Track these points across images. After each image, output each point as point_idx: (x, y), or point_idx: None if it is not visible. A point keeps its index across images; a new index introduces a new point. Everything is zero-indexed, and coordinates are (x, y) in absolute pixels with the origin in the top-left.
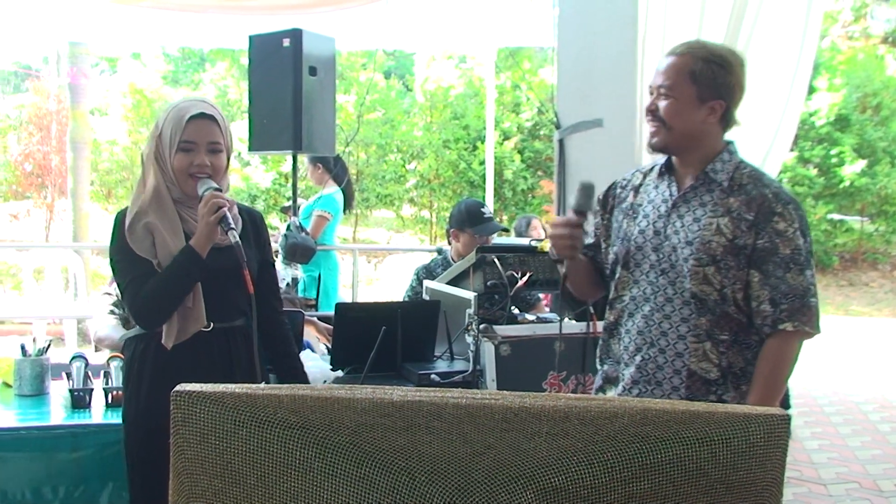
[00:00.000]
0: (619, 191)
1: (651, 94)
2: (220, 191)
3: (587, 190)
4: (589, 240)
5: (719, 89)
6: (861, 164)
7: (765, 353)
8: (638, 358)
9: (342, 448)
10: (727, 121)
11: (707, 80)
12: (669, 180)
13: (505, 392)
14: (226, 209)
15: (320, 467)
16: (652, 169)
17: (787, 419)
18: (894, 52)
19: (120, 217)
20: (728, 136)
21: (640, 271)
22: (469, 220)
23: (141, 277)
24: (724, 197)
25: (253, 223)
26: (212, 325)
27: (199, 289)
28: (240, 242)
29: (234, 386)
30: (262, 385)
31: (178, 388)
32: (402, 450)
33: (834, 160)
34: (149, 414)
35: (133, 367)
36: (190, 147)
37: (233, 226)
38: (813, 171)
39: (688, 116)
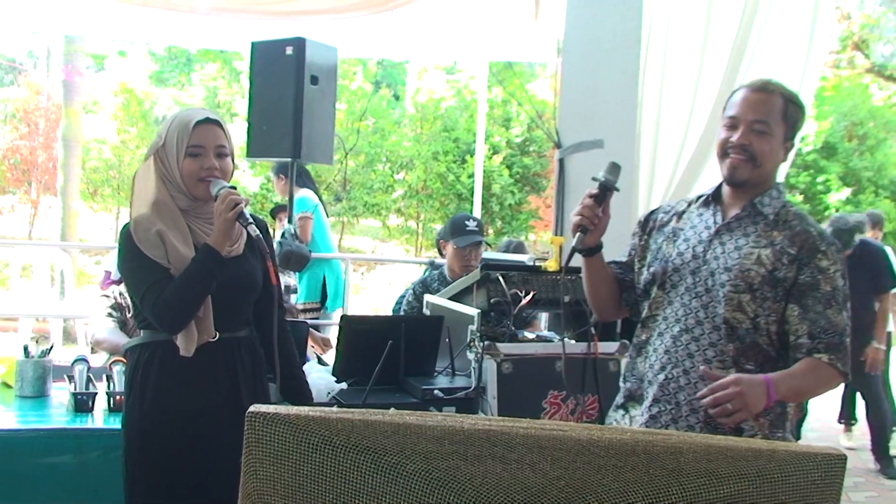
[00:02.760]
0: (661, 215)
1: (733, 126)
2: (235, 189)
3: (615, 168)
4: (622, 258)
5: (795, 131)
6: (846, 192)
7: (799, 363)
8: (661, 377)
9: (414, 475)
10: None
11: (792, 122)
12: (714, 209)
13: (572, 423)
14: (243, 205)
15: (392, 493)
16: (698, 198)
17: (844, 459)
18: (879, 82)
19: (126, 230)
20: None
21: (675, 293)
22: (452, 231)
23: (159, 283)
24: (769, 230)
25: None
26: (217, 335)
27: (209, 299)
28: (260, 235)
29: (307, 409)
30: (335, 408)
31: (252, 408)
32: (473, 479)
33: (820, 187)
34: (151, 421)
35: (136, 375)
36: (198, 151)
37: (251, 221)
38: (798, 198)
39: (776, 155)
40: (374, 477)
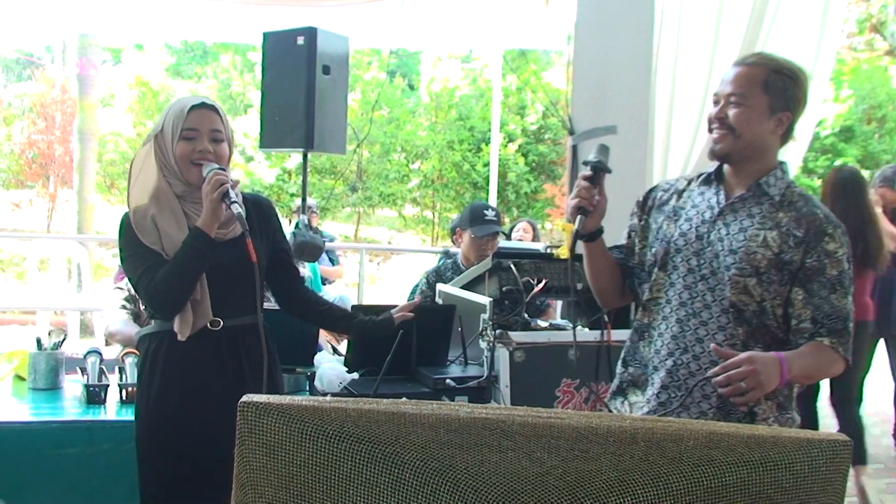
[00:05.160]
0: (660, 193)
1: (717, 102)
2: (224, 170)
3: (604, 149)
4: (622, 240)
5: (788, 101)
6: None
7: (804, 345)
8: (670, 362)
9: (410, 464)
10: (787, 135)
11: (778, 92)
12: (717, 188)
13: (570, 411)
14: (228, 185)
15: (387, 483)
16: (699, 176)
17: (849, 445)
18: None
19: (125, 218)
20: None
21: (677, 274)
22: (470, 219)
23: (152, 267)
24: (774, 211)
25: (259, 211)
26: (221, 323)
27: (205, 282)
28: (242, 213)
29: (300, 398)
30: (328, 398)
31: (244, 398)
32: (470, 468)
33: None
34: (159, 410)
35: (145, 365)
36: (192, 135)
37: (235, 199)
38: (817, 182)
39: (757, 126)
40: (368, 467)
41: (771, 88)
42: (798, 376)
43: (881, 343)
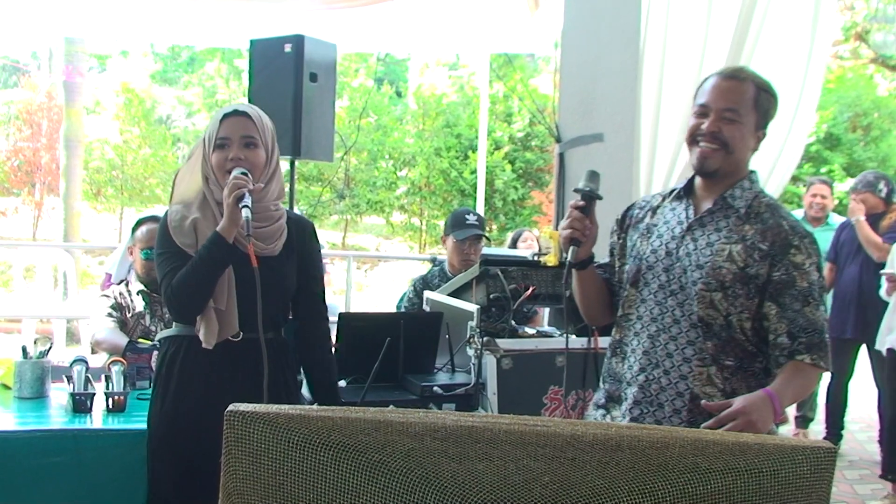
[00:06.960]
0: (636, 211)
1: (703, 114)
2: (247, 175)
3: (595, 176)
4: (604, 259)
5: (767, 120)
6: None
7: (785, 369)
8: (642, 378)
9: (395, 472)
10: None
11: (763, 110)
12: (687, 203)
13: (556, 419)
14: (245, 190)
15: (373, 491)
16: (671, 192)
17: (834, 452)
18: (883, 72)
19: (165, 217)
20: None
21: (648, 290)
22: (452, 224)
23: (175, 269)
24: (740, 224)
25: (301, 231)
26: (241, 334)
27: (234, 294)
28: (250, 218)
29: (287, 407)
30: (315, 406)
31: (231, 407)
32: (456, 476)
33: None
34: (173, 417)
35: (162, 369)
36: (224, 143)
37: (247, 204)
38: (802, 189)
39: (747, 143)
40: (355, 475)
41: (759, 107)
42: (787, 404)
43: (863, 349)
